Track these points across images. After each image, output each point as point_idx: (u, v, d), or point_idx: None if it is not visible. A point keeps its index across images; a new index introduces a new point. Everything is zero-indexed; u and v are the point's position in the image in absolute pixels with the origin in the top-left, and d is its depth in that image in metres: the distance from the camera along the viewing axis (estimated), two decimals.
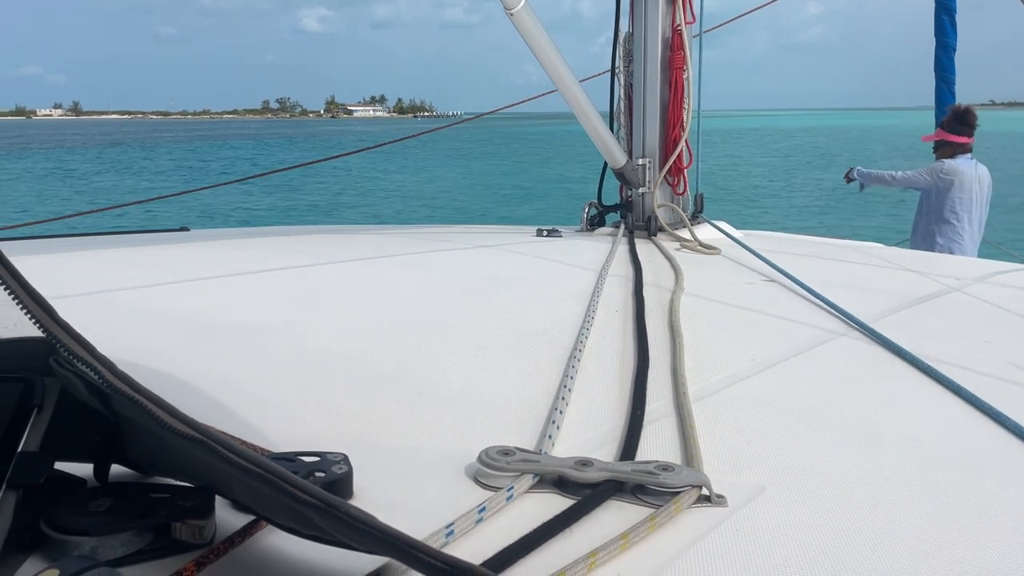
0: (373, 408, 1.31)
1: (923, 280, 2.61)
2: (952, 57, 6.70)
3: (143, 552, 0.82)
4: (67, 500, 0.85)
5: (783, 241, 3.64)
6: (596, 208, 3.63)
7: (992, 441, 1.23)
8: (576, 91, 3.22)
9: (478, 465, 1.05)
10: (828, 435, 1.24)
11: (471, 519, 0.91)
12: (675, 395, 1.38)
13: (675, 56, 3.39)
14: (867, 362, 1.64)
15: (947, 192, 5.42)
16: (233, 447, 0.70)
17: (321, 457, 0.99)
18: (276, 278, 2.32)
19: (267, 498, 0.73)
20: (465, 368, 1.54)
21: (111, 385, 0.77)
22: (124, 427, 0.90)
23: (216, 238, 3.44)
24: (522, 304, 2.09)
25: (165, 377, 1.34)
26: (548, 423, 1.23)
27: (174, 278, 2.21)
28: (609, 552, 0.85)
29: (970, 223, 5.41)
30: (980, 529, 0.96)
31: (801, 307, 2.09)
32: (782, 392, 1.44)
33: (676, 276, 2.41)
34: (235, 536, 0.86)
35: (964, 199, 5.41)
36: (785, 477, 1.08)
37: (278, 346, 1.64)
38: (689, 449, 1.14)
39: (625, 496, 1.00)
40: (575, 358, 1.54)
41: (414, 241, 3.26)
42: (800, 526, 0.94)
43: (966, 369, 1.56)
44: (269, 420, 1.22)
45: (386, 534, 0.63)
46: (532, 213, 19.60)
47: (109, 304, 1.86)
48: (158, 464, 0.93)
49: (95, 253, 2.64)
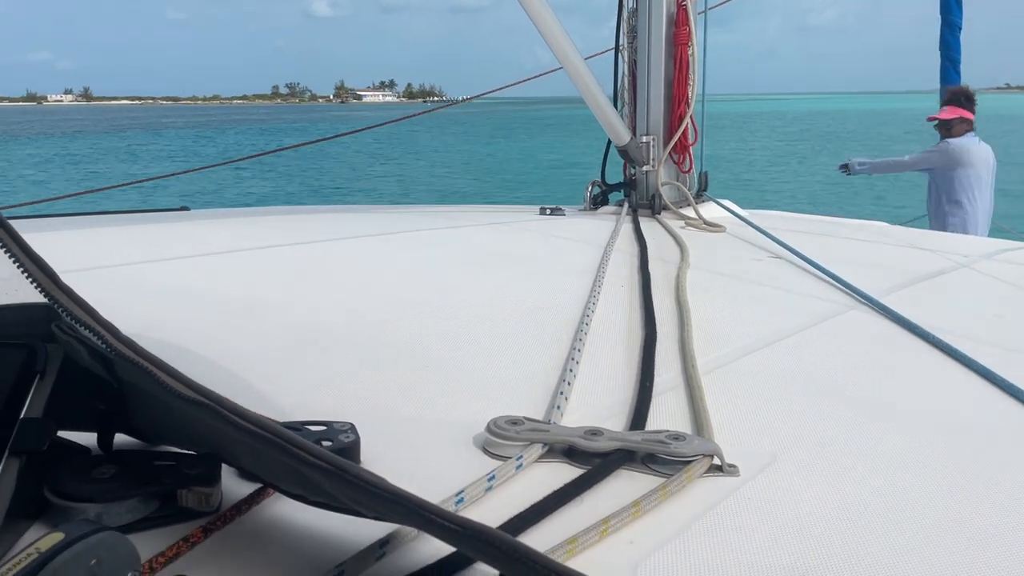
0: (379, 381, 1.30)
1: (931, 257, 2.59)
2: (958, 36, 6.63)
3: (149, 519, 0.81)
4: (71, 467, 0.84)
5: (789, 220, 3.61)
6: (599, 187, 3.60)
7: (1005, 412, 1.22)
8: (581, 68, 3.19)
9: (487, 435, 1.03)
10: (839, 406, 1.23)
11: (480, 487, 0.90)
12: (684, 367, 1.36)
13: (680, 32, 3.34)
14: (877, 336, 1.62)
15: (955, 171, 5.39)
16: (240, 411, 0.69)
17: (328, 426, 0.98)
18: (280, 254, 2.30)
19: (274, 464, 0.72)
20: (471, 341, 1.52)
21: (115, 350, 0.75)
22: (128, 395, 0.89)
23: (216, 216, 3.42)
24: (527, 279, 2.07)
25: (169, 349, 1.33)
26: (556, 394, 1.22)
27: (177, 254, 2.20)
28: (621, 520, 0.84)
29: (981, 201, 5.39)
30: (993, 498, 0.95)
31: (809, 283, 2.07)
32: (792, 364, 1.42)
33: (681, 252, 2.39)
34: (242, 503, 0.84)
35: (972, 177, 5.38)
36: (796, 447, 1.07)
37: (284, 320, 1.62)
38: (699, 419, 1.13)
39: (636, 465, 0.98)
40: (582, 331, 1.53)
41: (419, 219, 3.24)
42: (811, 495, 0.93)
43: (978, 341, 1.54)
44: (275, 392, 1.21)
45: (397, 496, 0.62)
46: (538, 196, 19.58)
47: (111, 279, 1.85)
48: (163, 432, 0.92)
49: (96, 231, 2.63)
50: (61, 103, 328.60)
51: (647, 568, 0.78)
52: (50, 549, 0.60)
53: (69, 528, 0.62)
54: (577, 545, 0.79)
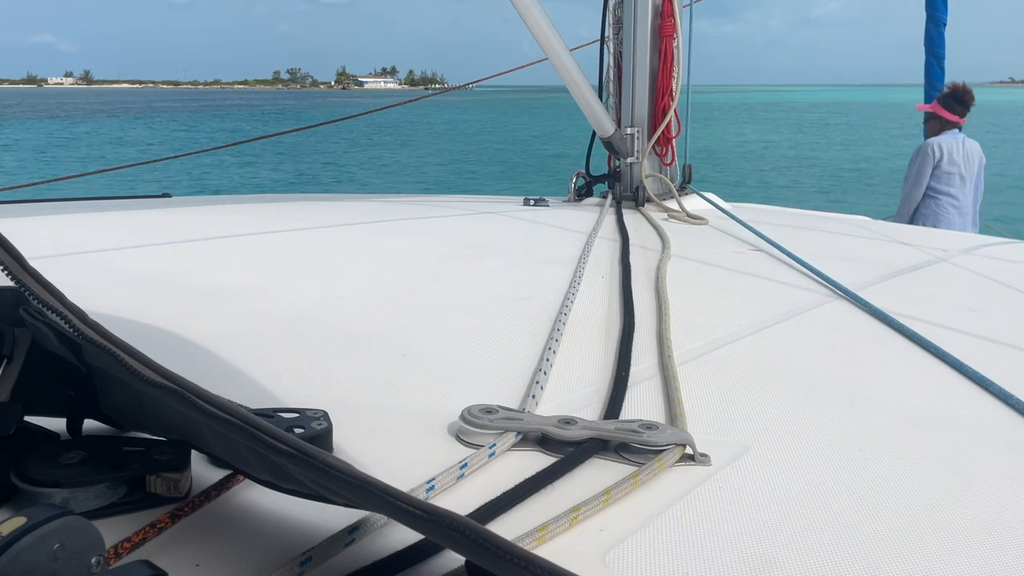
0: (355, 369, 1.29)
1: (909, 251, 2.61)
2: (942, 32, 6.66)
3: (117, 505, 0.80)
4: (38, 452, 0.83)
5: (771, 213, 3.63)
6: (584, 178, 3.60)
7: (976, 406, 1.23)
8: (565, 59, 3.19)
9: (460, 423, 1.03)
10: (812, 397, 1.23)
11: (452, 475, 0.90)
12: (660, 358, 1.37)
13: (665, 23, 3.35)
14: (852, 328, 1.63)
15: (928, 169, 5.44)
16: (207, 395, 0.68)
17: (300, 413, 0.97)
18: (258, 242, 2.29)
19: (243, 450, 0.72)
20: (448, 330, 1.52)
21: (82, 334, 0.75)
22: (98, 381, 0.88)
23: (198, 204, 3.39)
24: (507, 269, 2.07)
25: (143, 336, 1.32)
26: (532, 383, 1.22)
27: (154, 241, 2.18)
28: (591, 508, 0.84)
29: (954, 199, 5.42)
30: (963, 491, 0.96)
31: (788, 275, 2.08)
32: (767, 356, 1.43)
33: (663, 244, 2.39)
34: (211, 490, 0.84)
35: (942, 176, 5.43)
36: (769, 438, 1.07)
37: (259, 308, 1.62)
38: (673, 410, 1.13)
39: (608, 454, 0.99)
40: (560, 321, 1.53)
41: (400, 208, 3.23)
42: (783, 486, 0.94)
43: (952, 335, 1.56)
44: (249, 380, 1.21)
45: (363, 482, 0.62)
46: (524, 187, 19.52)
47: (85, 265, 1.83)
48: (132, 419, 0.92)
49: (72, 217, 2.60)
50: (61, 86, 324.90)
51: (616, 556, 0.78)
52: (12, 533, 0.59)
53: (32, 512, 0.61)
54: (547, 533, 0.79)
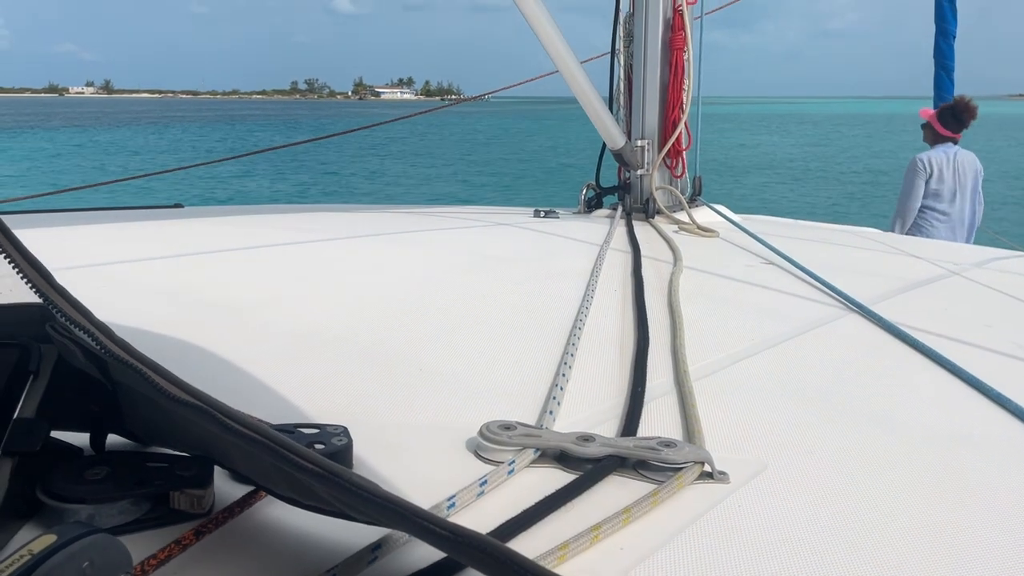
0: (372, 384, 1.30)
1: (922, 264, 2.61)
2: (951, 44, 6.67)
3: (141, 521, 0.81)
4: (64, 468, 0.84)
5: (782, 225, 3.63)
6: (594, 190, 3.61)
7: (993, 422, 1.23)
8: (576, 72, 3.20)
9: (479, 439, 1.04)
10: (828, 414, 1.23)
11: (472, 492, 0.90)
12: (675, 373, 1.37)
13: (675, 37, 3.36)
14: (867, 343, 1.63)
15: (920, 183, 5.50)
16: (233, 414, 0.69)
17: (320, 429, 0.98)
18: (273, 254, 2.30)
19: (266, 467, 0.72)
20: (464, 345, 1.53)
21: (109, 351, 0.76)
22: (122, 397, 0.89)
23: (210, 215, 3.41)
24: (520, 283, 2.08)
25: (161, 350, 1.33)
26: (548, 399, 1.22)
27: (169, 253, 2.19)
28: (612, 526, 0.84)
29: (941, 213, 5.47)
30: (980, 509, 0.95)
31: (800, 289, 2.08)
32: (782, 372, 1.43)
33: (674, 257, 2.40)
34: (234, 506, 0.85)
35: (929, 192, 5.48)
36: (786, 455, 1.07)
37: (275, 320, 1.62)
38: (690, 426, 1.13)
39: (627, 472, 0.99)
40: (575, 336, 1.53)
41: (412, 220, 3.24)
42: (802, 503, 0.94)
43: (966, 350, 1.55)
44: (267, 394, 1.21)
45: (389, 502, 0.62)
46: (535, 199, 19.58)
47: (103, 278, 1.84)
48: (156, 434, 0.92)
49: (89, 228, 2.62)
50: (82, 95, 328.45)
51: (637, 575, 0.79)
52: (43, 551, 0.60)
53: (62, 530, 0.62)
54: (568, 551, 0.79)
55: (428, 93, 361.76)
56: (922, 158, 5.53)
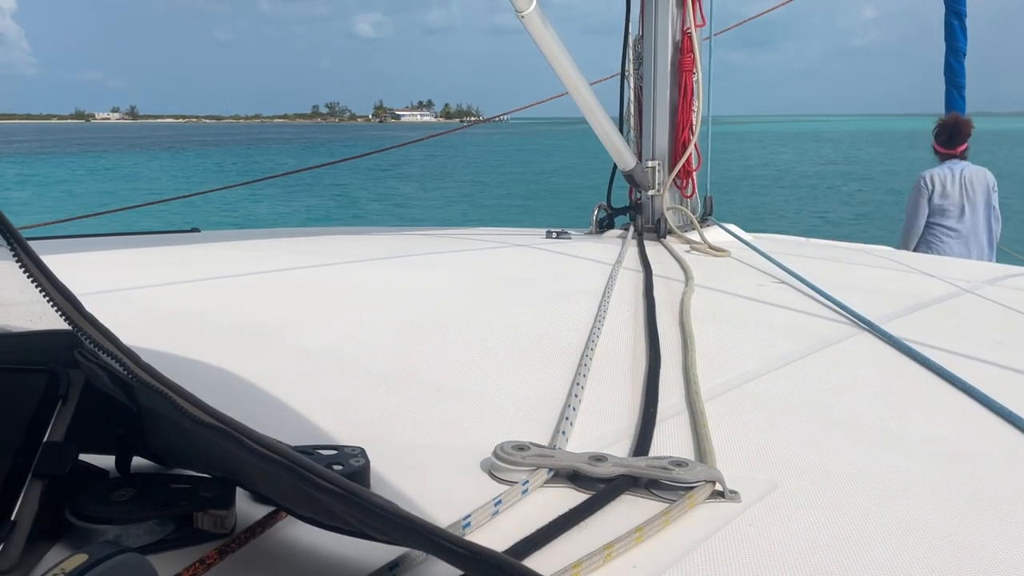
0: (388, 405, 1.32)
1: (933, 282, 2.61)
2: (962, 62, 6.68)
3: (165, 541, 0.83)
4: (91, 489, 0.86)
5: (793, 244, 3.64)
6: (605, 210, 3.64)
7: (1005, 440, 1.23)
8: (586, 93, 3.24)
9: (493, 460, 1.06)
10: (840, 433, 1.24)
11: (487, 512, 0.92)
12: (687, 393, 1.39)
13: (685, 59, 3.40)
14: (879, 362, 1.64)
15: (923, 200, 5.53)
16: (256, 436, 0.71)
17: (339, 450, 1.00)
18: (290, 277, 2.34)
19: (288, 488, 0.75)
20: (477, 366, 1.55)
21: (135, 376, 0.78)
22: (146, 420, 0.91)
23: (227, 239, 3.46)
24: (533, 304, 2.10)
25: (181, 374, 1.36)
26: (561, 419, 1.24)
27: (187, 277, 2.23)
28: (624, 545, 0.86)
29: (950, 229, 5.48)
30: (993, 528, 0.96)
31: (812, 308, 2.09)
32: (794, 391, 1.44)
33: (686, 277, 2.41)
34: (256, 526, 0.87)
35: (934, 208, 5.51)
36: (798, 474, 1.08)
37: (291, 343, 1.65)
38: (702, 446, 1.15)
39: (639, 491, 1.00)
40: (587, 356, 1.55)
41: (425, 242, 3.28)
42: (813, 523, 0.95)
43: (978, 368, 1.56)
44: (285, 415, 1.24)
45: (408, 521, 0.64)
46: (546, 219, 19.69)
47: (124, 303, 1.88)
48: (179, 456, 0.95)
49: (109, 253, 2.67)
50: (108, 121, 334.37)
51: None
52: (75, 570, 0.62)
53: (92, 550, 0.64)
54: (581, 569, 0.81)
55: (448, 115, 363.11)
56: (924, 176, 5.58)
